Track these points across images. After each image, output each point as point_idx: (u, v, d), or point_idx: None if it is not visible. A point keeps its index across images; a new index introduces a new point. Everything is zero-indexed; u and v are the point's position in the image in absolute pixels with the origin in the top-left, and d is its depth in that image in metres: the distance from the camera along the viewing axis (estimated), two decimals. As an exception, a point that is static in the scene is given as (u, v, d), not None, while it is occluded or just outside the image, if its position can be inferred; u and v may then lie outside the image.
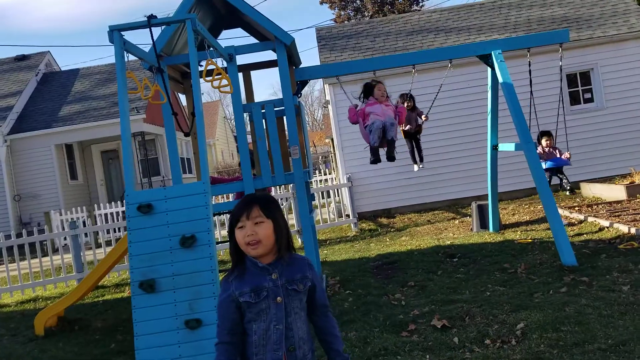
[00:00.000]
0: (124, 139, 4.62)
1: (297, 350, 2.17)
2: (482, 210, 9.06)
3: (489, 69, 7.64)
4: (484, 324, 4.63)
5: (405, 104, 7.09)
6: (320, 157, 36.50)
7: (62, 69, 22.51)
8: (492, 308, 4.99)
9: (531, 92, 7.36)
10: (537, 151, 7.38)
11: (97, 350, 5.35)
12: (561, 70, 7.67)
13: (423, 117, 7.53)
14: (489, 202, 8.69)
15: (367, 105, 6.09)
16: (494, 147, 8.32)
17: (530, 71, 7.37)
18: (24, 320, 6.98)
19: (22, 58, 21.04)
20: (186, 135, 6.03)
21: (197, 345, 4.08)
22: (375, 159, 6.11)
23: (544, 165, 7.47)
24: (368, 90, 6.15)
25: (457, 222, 10.22)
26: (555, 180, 7.96)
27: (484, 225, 8.98)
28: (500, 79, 6.99)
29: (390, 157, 6.23)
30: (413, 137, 7.87)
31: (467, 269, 6.58)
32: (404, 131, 7.77)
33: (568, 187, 7.79)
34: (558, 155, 7.75)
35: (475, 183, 11.47)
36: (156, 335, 4.14)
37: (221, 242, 8.23)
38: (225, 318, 2.18)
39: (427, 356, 4.12)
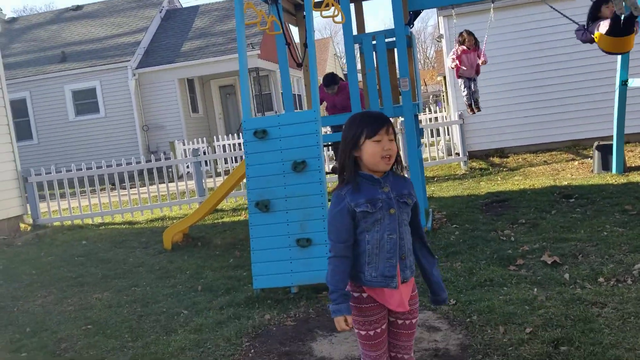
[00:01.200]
0: (241, 64, 4.83)
1: (407, 259, 2.29)
2: (604, 151, 8.50)
3: (624, -5, 6.94)
4: (599, 262, 4.47)
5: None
6: (430, 97, 35.57)
7: (183, 5, 23.49)
8: (608, 248, 4.79)
9: None
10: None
11: (217, 263, 5.85)
12: None
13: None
14: (614, 141, 8.12)
15: (463, 53, 7.88)
16: (623, 83, 7.68)
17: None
18: (153, 235, 7.75)
19: (147, -5, 22.15)
20: (299, 65, 6.17)
21: (306, 262, 4.35)
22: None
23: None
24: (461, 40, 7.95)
25: (576, 163, 9.69)
26: None
27: (606, 167, 8.44)
28: (636, 6, 6.33)
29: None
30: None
31: (584, 210, 6.30)
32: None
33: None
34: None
35: (599, 123, 10.62)
36: (270, 251, 4.46)
37: (329, 173, 8.46)
38: (341, 230, 2.24)
39: (535, 289, 4.08)
